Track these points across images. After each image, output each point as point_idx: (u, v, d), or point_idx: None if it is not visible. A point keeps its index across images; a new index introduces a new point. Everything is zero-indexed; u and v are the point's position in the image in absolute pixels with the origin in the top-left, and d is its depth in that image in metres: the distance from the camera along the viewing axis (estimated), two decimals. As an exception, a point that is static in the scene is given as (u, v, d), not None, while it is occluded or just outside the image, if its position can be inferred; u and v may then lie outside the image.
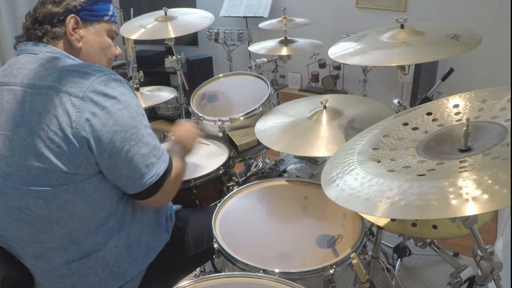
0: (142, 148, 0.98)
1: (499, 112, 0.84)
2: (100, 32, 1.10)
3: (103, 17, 1.09)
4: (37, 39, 1.02)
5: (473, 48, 1.10)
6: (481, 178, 0.64)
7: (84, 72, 0.95)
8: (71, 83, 0.92)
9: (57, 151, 0.90)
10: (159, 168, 1.02)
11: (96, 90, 0.92)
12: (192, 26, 2.06)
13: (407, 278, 1.95)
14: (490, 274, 0.82)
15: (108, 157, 0.94)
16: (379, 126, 1.01)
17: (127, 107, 0.96)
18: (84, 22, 1.06)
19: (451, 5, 3.02)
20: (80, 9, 1.04)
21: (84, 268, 1.00)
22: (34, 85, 0.93)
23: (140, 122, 0.99)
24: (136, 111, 0.98)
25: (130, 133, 0.96)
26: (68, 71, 0.95)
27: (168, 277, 1.20)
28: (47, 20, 1.02)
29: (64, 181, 0.92)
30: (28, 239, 0.96)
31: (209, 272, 1.79)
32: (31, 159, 0.90)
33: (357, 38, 1.38)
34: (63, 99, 0.90)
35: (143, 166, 0.99)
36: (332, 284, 1.01)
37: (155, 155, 1.01)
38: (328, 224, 1.18)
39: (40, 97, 0.91)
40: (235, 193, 1.33)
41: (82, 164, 0.93)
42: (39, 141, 0.89)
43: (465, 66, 3.00)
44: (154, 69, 4.12)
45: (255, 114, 1.74)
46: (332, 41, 1.49)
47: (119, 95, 0.95)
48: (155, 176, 1.01)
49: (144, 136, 0.99)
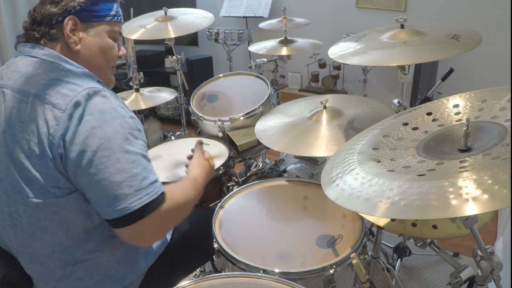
0: (113, 175, 0.87)
1: (499, 112, 0.84)
2: (101, 34, 1.04)
3: (104, 18, 1.04)
4: (35, 41, 0.99)
5: (473, 48, 1.10)
6: (481, 178, 0.64)
7: (72, 83, 0.92)
8: (57, 94, 0.89)
9: (36, 163, 0.88)
10: (135, 202, 0.89)
11: (77, 104, 0.88)
12: (192, 26, 2.06)
13: (407, 278, 1.95)
14: (490, 274, 0.82)
15: (74, 177, 0.90)
16: (379, 126, 1.01)
17: (103, 126, 0.88)
18: (84, 23, 1.01)
19: (451, 5, 3.02)
20: (79, 10, 0.99)
21: (80, 272, 0.99)
22: (23, 91, 0.92)
23: (118, 146, 0.89)
24: (115, 132, 0.89)
25: (99, 156, 0.87)
26: (57, 80, 0.92)
27: (168, 278, 1.20)
28: (45, 21, 0.99)
29: (46, 194, 0.89)
30: (21, 243, 0.96)
31: (209, 272, 1.79)
32: (13, 167, 0.89)
33: (357, 38, 1.38)
34: (46, 110, 0.88)
35: (111, 195, 0.88)
36: (332, 284, 1.01)
37: (132, 186, 0.89)
38: (328, 224, 1.18)
39: (25, 105, 0.90)
40: (235, 193, 1.33)
41: (61, 180, 0.90)
42: (20, 151, 0.88)
43: (465, 66, 3.00)
44: (154, 69, 4.11)
45: (255, 114, 1.74)
46: (332, 41, 1.49)
47: (98, 113, 0.89)
48: (126, 209, 0.88)
49: (120, 161, 0.88)
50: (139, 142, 0.94)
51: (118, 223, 0.91)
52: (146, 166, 0.93)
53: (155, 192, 0.93)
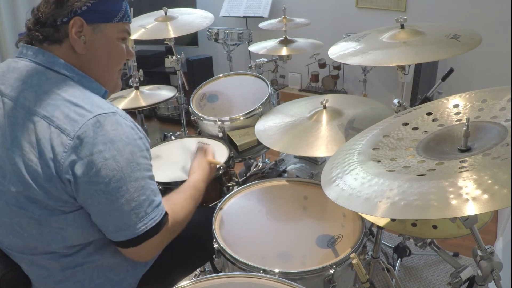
0: (123, 205, 0.89)
1: (499, 112, 0.84)
2: (108, 36, 0.99)
3: (112, 19, 0.98)
4: (38, 43, 0.95)
5: (473, 48, 1.10)
6: (481, 178, 0.64)
7: (80, 106, 0.87)
8: (65, 118, 0.86)
9: (43, 185, 0.86)
10: (141, 227, 0.92)
11: (87, 132, 0.85)
12: (192, 26, 2.06)
13: (407, 278, 1.95)
14: (490, 274, 0.82)
15: (84, 204, 0.90)
16: (379, 126, 1.01)
17: (116, 156, 0.86)
18: (90, 25, 0.95)
19: (451, 5, 3.02)
20: (86, 10, 0.93)
21: (79, 275, 0.99)
22: (28, 108, 0.88)
23: (129, 175, 0.88)
24: (128, 161, 0.88)
25: (111, 187, 0.87)
26: (64, 100, 0.88)
27: (168, 278, 1.20)
28: (50, 21, 0.93)
29: (53, 211, 0.89)
30: (22, 250, 0.96)
31: (209, 272, 1.79)
32: (19, 185, 0.87)
33: (357, 38, 1.38)
34: (53, 134, 0.85)
35: (119, 223, 0.91)
36: (332, 284, 1.01)
37: (138, 214, 0.91)
38: (328, 224, 1.18)
39: (32, 125, 0.86)
40: (235, 193, 1.33)
41: (69, 201, 0.89)
42: (26, 171, 0.86)
43: (465, 66, 3.00)
44: (154, 69, 4.11)
45: (255, 114, 1.74)
46: (332, 41, 1.49)
47: (110, 142, 0.86)
48: (132, 234, 0.92)
49: (129, 191, 0.89)
50: (147, 163, 0.94)
51: (123, 244, 0.95)
52: (152, 188, 0.95)
53: (159, 215, 0.96)
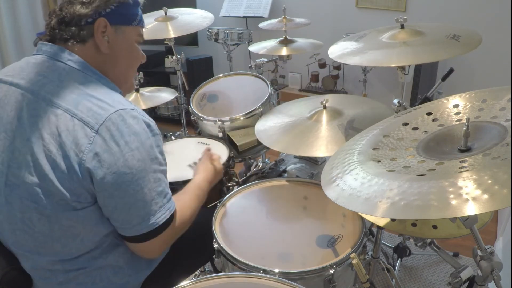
0: (146, 195, 0.93)
1: (499, 112, 0.84)
2: (128, 37, 1.04)
3: (131, 22, 1.03)
4: (62, 41, 0.97)
5: (473, 48, 1.10)
6: (481, 178, 0.64)
7: (102, 100, 0.91)
8: (88, 111, 0.88)
9: (60, 176, 0.87)
10: (161, 217, 0.96)
11: (112, 125, 0.88)
12: (192, 26, 2.07)
13: (407, 278, 1.95)
14: (490, 274, 0.82)
15: (108, 197, 0.90)
16: (379, 126, 1.01)
17: (139, 148, 0.91)
18: (113, 26, 1.00)
19: (451, 5, 3.02)
20: (109, 12, 0.98)
21: (82, 277, 0.99)
22: (50, 100, 0.90)
23: (149, 166, 0.93)
24: (148, 153, 0.93)
25: (137, 177, 0.90)
26: (86, 95, 0.91)
27: (168, 278, 1.20)
28: (75, 21, 0.96)
29: (65, 206, 0.89)
30: (28, 249, 0.95)
31: (209, 272, 1.79)
32: (34, 177, 0.88)
33: (357, 38, 1.38)
34: (77, 126, 0.87)
35: (143, 213, 0.94)
36: (332, 284, 1.01)
37: (157, 203, 0.95)
38: (328, 224, 1.18)
39: (54, 117, 0.88)
40: (235, 193, 1.33)
41: (83, 194, 0.90)
42: (45, 162, 0.87)
43: (465, 66, 3.00)
44: (154, 69, 4.11)
45: (255, 114, 1.74)
46: (332, 41, 1.49)
47: (134, 134, 0.90)
48: (154, 224, 0.95)
49: (150, 182, 0.93)
50: (162, 158, 0.98)
51: (140, 238, 0.96)
52: (166, 182, 0.99)
53: (173, 206, 1.01)
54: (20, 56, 1.03)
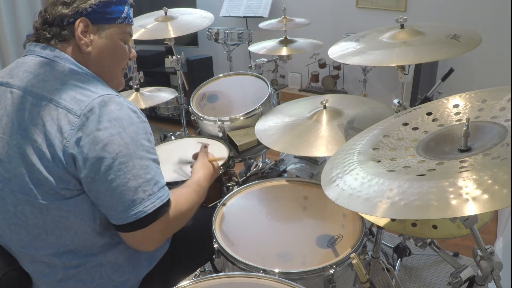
0: (130, 181, 0.91)
1: (499, 112, 0.84)
2: (112, 36, 1.04)
3: (115, 20, 1.03)
4: (46, 41, 1.00)
5: (473, 48, 1.10)
6: (481, 178, 0.64)
7: (86, 88, 0.93)
8: (71, 99, 0.90)
9: (47, 165, 0.89)
10: (149, 205, 0.93)
11: (93, 110, 0.89)
12: (192, 26, 2.06)
13: (407, 278, 1.95)
14: (490, 274, 0.82)
15: (91, 182, 0.90)
16: (379, 126, 1.01)
17: (121, 133, 0.90)
18: (95, 26, 1.01)
19: (451, 5, 3.02)
20: (90, 12, 0.99)
21: (82, 274, 0.99)
22: (36, 94, 0.92)
23: (134, 152, 0.92)
24: (132, 139, 0.92)
25: (118, 162, 0.89)
26: (70, 85, 0.93)
27: (168, 278, 1.20)
28: (57, 22, 0.99)
29: (55, 196, 0.90)
30: (24, 244, 0.96)
31: (209, 272, 1.79)
32: (23, 168, 0.90)
33: (357, 38, 1.38)
34: (60, 114, 0.89)
35: (128, 200, 0.91)
36: (332, 284, 1.01)
37: (146, 191, 0.93)
38: (328, 224, 1.18)
39: (39, 108, 0.90)
40: (235, 193, 1.33)
41: (71, 181, 0.91)
42: (32, 152, 0.89)
43: (465, 66, 3.00)
44: (154, 69, 4.12)
45: (255, 114, 1.74)
46: (332, 41, 1.49)
47: (115, 120, 0.90)
48: (141, 213, 0.92)
49: (136, 167, 0.92)
50: (150, 146, 0.97)
51: (129, 227, 0.94)
52: (156, 171, 0.97)
53: (166, 196, 0.98)
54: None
